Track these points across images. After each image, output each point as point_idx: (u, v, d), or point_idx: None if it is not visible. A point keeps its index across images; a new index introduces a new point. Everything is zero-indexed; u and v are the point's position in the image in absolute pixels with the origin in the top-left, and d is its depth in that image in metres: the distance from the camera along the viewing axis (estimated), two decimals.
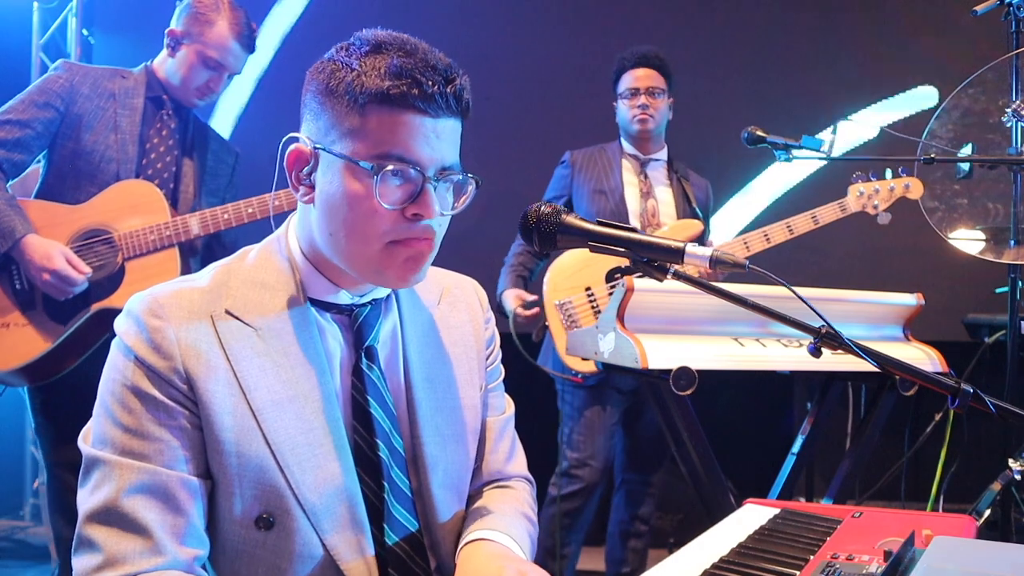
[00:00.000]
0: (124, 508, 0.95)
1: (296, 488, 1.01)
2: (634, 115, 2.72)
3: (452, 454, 1.16)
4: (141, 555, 0.94)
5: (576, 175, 2.77)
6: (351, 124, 0.99)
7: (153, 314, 1.00)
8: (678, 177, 2.79)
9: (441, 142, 1.01)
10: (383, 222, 1.00)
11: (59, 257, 2.07)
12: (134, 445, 0.98)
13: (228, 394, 1.00)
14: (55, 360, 2.15)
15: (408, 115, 0.98)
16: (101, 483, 0.97)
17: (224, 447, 0.99)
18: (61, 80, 2.21)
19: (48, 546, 3.59)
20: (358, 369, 1.10)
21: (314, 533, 1.02)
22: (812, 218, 2.57)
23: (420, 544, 1.12)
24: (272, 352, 1.04)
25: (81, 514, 0.98)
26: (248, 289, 1.07)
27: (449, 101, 0.99)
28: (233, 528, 1.02)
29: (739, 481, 3.02)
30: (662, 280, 1.06)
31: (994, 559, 0.88)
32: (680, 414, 1.89)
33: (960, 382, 0.98)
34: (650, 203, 2.73)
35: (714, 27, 3.95)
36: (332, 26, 3.95)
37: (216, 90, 2.33)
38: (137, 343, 1.00)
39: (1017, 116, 2.25)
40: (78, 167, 2.19)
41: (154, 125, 2.31)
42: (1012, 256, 2.29)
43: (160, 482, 0.97)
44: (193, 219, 2.23)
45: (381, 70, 0.97)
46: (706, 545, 1.13)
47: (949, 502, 2.61)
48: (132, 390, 0.99)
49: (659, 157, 2.81)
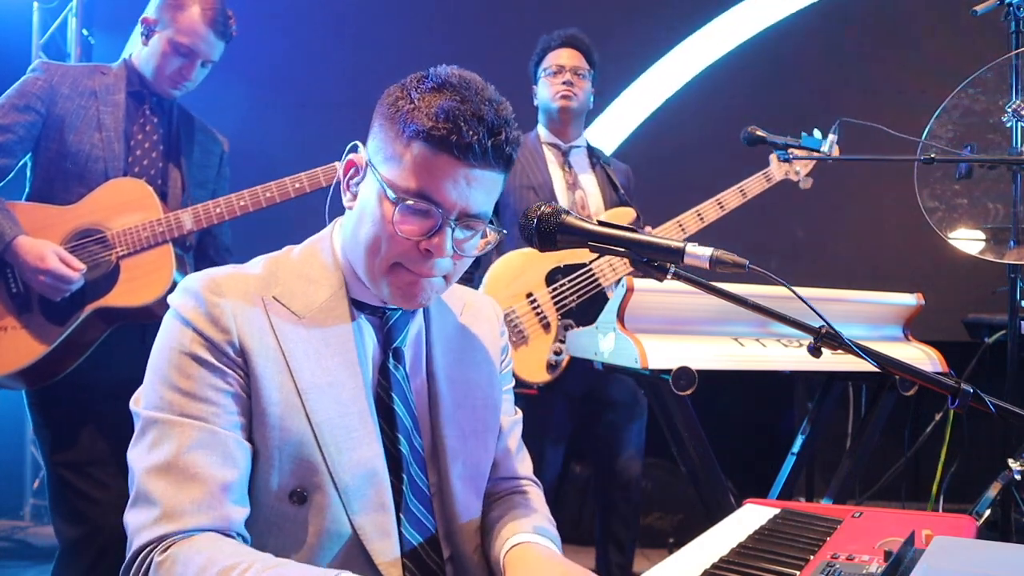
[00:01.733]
0: (184, 462, 1.01)
1: (332, 466, 1.07)
2: (557, 91, 2.59)
3: (472, 448, 1.22)
4: (197, 509, 0.99)
5: None
6: (395, 151, 1.06)
7: (212, 291, 1.07)
8: (600, 164, 2.68)
9: (471, 190, 1.05)
10: (397, 246, 1.07)
11: (52, 257, 2.06)
12: (193, 408, 1.03)
13: (276, 371, 1.07)
14: (53, 362, 2.14)
15: (444, 157, 1.03)
16: (160, 441, 1.02)
17: (269, 420, 1.06)
18: (40, 82, 2.18)
19: (49, 546, 3.60)
20: (385, 368, 1.17)
21: (344, 512, 1.07)
22: (740, 192, 2.51)
23: (433, 537, 1.17)
24: (314, 340, 1.10)
25: (139, 470, 1.02)
26: (295, 281, 1.14)
27: (488, 153, 1.04)
28: (268, 500, 1.07)
29: (739, 481, 3.02)
30: (662, 280, 1.06)
31: (994, 559, 0.88)
32: (680, 414, 1.88)
33: (960, 382, 0.98)
34: (578, 194, 2.60)
35: (715, 27, 3.95)
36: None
37: (189, 78, 2.26)
38: (196, 316, 1.06)
39: (1017, 116, 2.25)
40: (65, 168, 2.17)
41: (137, 120, 2.28)
42: (1012, 256, 2.29)
43: (220, 440, 1.03)
44: (186, 214, 2.22)
45: (432, 109, 1.03)
46: (706, 545, 1.13)
47: (949, 502, 2.61)
48: (191, 356, 1.05)
49: (580, 144, 2.69)
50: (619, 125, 3.93)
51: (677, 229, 2.49)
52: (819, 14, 3.91)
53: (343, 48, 4.07)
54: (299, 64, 4.03)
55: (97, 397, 2.14)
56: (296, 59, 4.04)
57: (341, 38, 4.05)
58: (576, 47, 2.64)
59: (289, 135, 3.96)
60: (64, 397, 2.17)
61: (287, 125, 4.00)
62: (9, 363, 2.12)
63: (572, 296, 2.43)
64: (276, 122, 3.93)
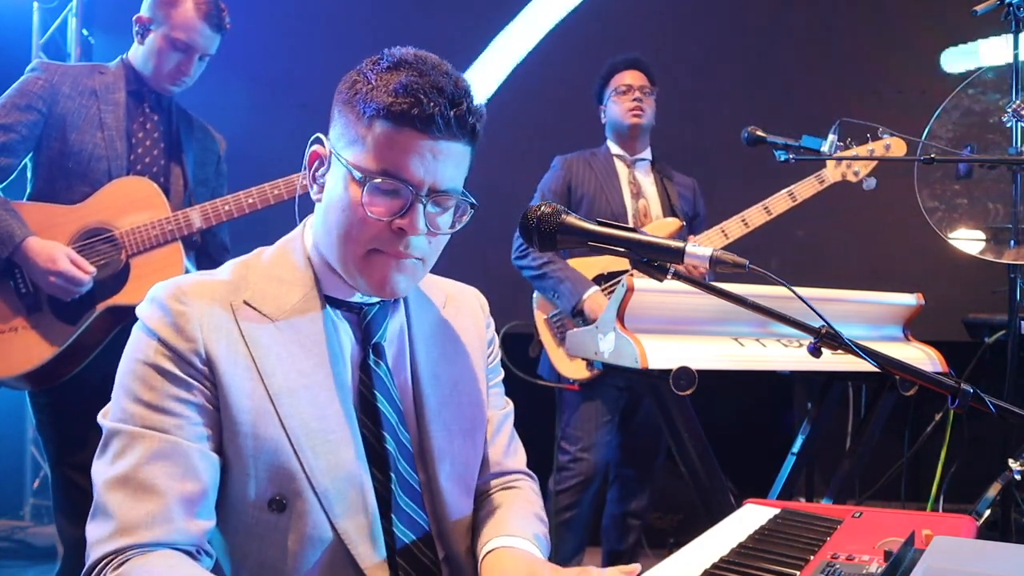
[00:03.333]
0: (143, 475, 0.98)
1: (309, 471, 1.04)
2: (629, 109, 2.78)
3: (459, 447, 1.20)
4: (153, 522, 0.97)
5: (574, 176, 2.80)
6: (357, 133, 1.04)
7: (177, 299, 1.05)
8: (661, 177, 2.86)
9: (438, 163, 1.03)
10: (370, 229, 1.04)
11: (63, 258, 2.06)
12: (155, 419, 1.01)
13: (247, 378, 1.04)
14: (64, 362, 2.14)
15: (407, 132, 1.01)
16: (122, 452, 1.00)
17: (241, 428, 1.03)
18: (40, 81, 2.18)
19: (49, 546, 3.60)
20: (366, 365, 1.14)
21: (325, 517, 1.05)
22: (789, 195, 2.55)
23: (428, 535, 1.15)
24: (287, 342, 1.08)
25: (99, 483, 1.00)
26: (266, 283, 1.11)
27: (451, 124, 1.02)
28: (247, 510, 1.05)
29: (739, 481, 3.02)
30: (662, 280, 1.06)
31: (994, 559, 0.88)
32: (680, 414, 1.88)
33: (960, 382, 0.98)
34: (641, 202, 2.80)
35: (714, 28, 3.95)
36: None
37: (188, 73, 2.28)
38: (160, 325, 1.03)
39: (1017, 116, 2.25)
40: (67, 167, 2.17)
41: (138, 119, 2.29)
42: (1012, 256, 2.29)
43: (181, 451, 1.00)
44: (195, 212, 2.22)
45: (390, 86, 1.01)
46: (706, 545, 1.13)
47: (949, 502, 2.61)
48: (154, 367, 1.02)
49: (645, 157, 2.88)
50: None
51: (720, 235, 2.61)
52: (819, 14, 3.91)
53: (344, 48, 4.07)
54: (299, 64, 4.03)
55: (103, 397, 2.13)
56: (296, 59, 4.04)
57: (342, 38, 4.05)
58: (640, 68, 2.84)
59: (289, 135, 3.96)
60: (70, 397, 2.17)
61: (287, 125, 3.99)
62: (20, 364, 2.12)
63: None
64: (276, 122, 3.92)
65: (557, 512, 2.68)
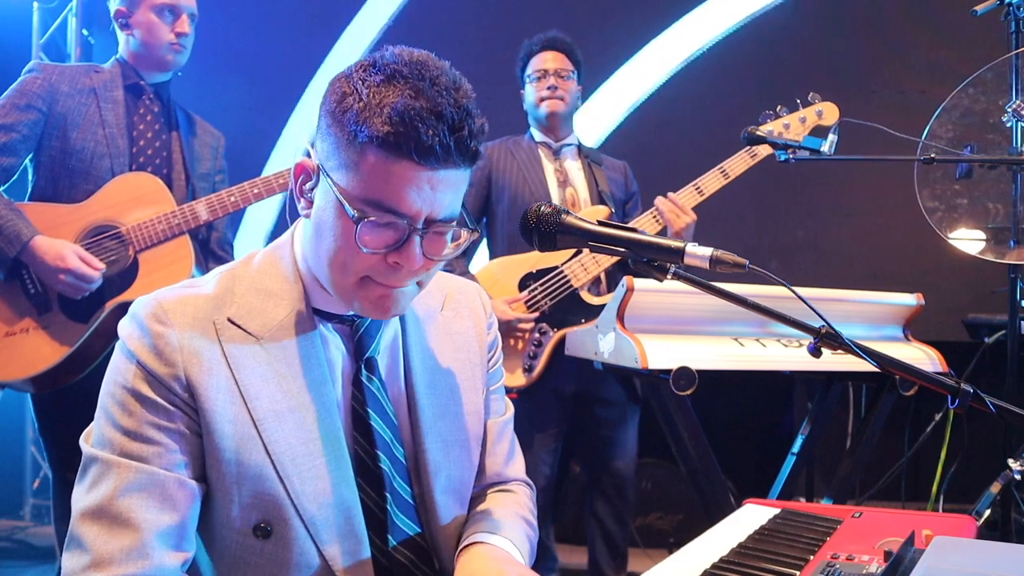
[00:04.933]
0: (118, 507, 0.95)
1: (295, 498, 1.01)
2: (542, 96, 2.63)
3: (455, 460, 1.16)
4: (128, 557, 0.94)
5: (494, 168, 2.66)
6: (349, 157, 0.96)
7: (157, 319, 1.00)
8: (588, 162, 2.71)
9: (436, 194, 0.96)
10: (363, 261, 0.98)
11: (72, 256, 2.05)
12: (133, 447, 0.98)
13: (229, 402, 1.00)
14: (73, 365, 2.12)
15: (403, 164, 0.93)
16: (98, 481, 0.98)
17: (224, 455, 0.99)
18: (39, 81, 2.19)
19: (49, 546, 3.60)
20: (358, 380, 1.10)
21: (312, 543, 1.02)
22: (722, 173, 2.46)
23: (423, 550, 1.12)
24: (274, 361, 1.03)
25: (75, 512, 0.98)
26: (252, 296, 1.06)
27: (451, 152, 0.94)
28: (231, 536, 1.02)
29: (739, 481, 3.02)
30: (662, 280, 1.06)
31: (994, 559, 0.88)
32: (680, 414, 1.89)
33: (960, 382, 0.98)
34: (568, 191, 2.65)
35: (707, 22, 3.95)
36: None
37: (186, 31, 2.27)
38: (140, 348, 0.99)
39: (1017, 116, 2.25)
40: (70, 166, 2.17)
41: (138, 112, 2.29)
42: (1012, 256, 2.29)
43: (157, 482, 0.97)
44: (200, 205, 2.22)
45: (385, 110, 0.92)
46: (706, 545, 1.13)
47: (949, 502, 2.61)
48: (132, 393, 0.99)
49: (570, 142, 2.72)
50: (603, 116, 3.89)
51: (651, 220, 2.46)
52: (818, 12, 3.91)
53: (344, 48, 4.07)
54: (299, 64, 4.03)
55: None
56: (296, 59, 4.04)
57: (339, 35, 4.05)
58: (558, 48, 2.65)
59: (290, 136, 3.96)
60: (73, 401, 2.16)
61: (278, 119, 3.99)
62: (31, 366, 2.10)
63: (544, 299, 2.45)
64: (276, 122, 3.93)
65: None
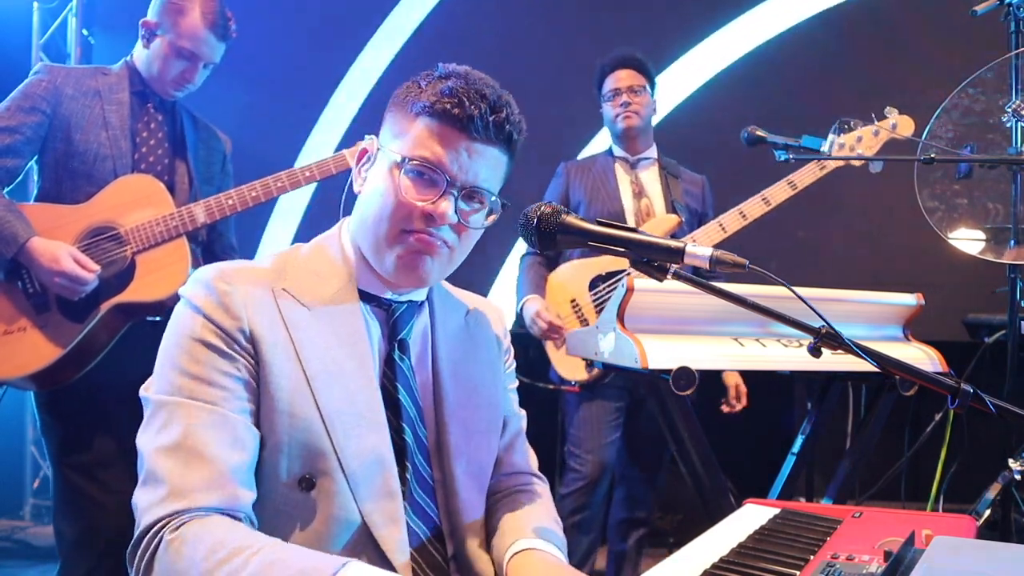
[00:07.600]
0: (193, 442, 1.01)
1: (340, 453, 1.08)
2: (617, 114, 2.79)
3: (475, 446, 1.23)
4: (206, 487, 0.99)
5: (571, 182, 2.84)
6: (403, 127, 1.14)
7: (222, 279, 1.10)
8: (666, 174, 2.85)
9: (473, 162, 1.12)
10: (402, 210, 1.11)
11: (66, 258, 2.06)
12: (202, 391, 1.04)
13: (286, 359, 1.08)
14: (72, 362, 2.13)
15: (448, 129, 1.10)
16: (169, 423, 1.03)
17: (278, 406, 1.07)
18: (44, 83, 2.19)
19: (49, 546, 3.60)
20: (391, 359, 1.19)
21: (352, 499, 1.08)
22: (789, 184, 2.53)
23: (439, 530, 1.18)
24: (323, 330, 1.13)
25: (148, 452, 1.03)
26: (304, 275, 1.17)
27: (489, 127, 1.11)
28: (276, 487, 1.08)
29: (739, 481, 3.02)
30: (662, 280, 1.06)
31: (994, 559, 0.88)
32: (680, 414, 1.88)
33: (960, 382, 0.98)
34: (643, 202, 2.80)
35: (721, 36, 3.95)
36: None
37: (192, 80, 2.29)
38: (206, 303, 1.08)
39: (1017, 116, 2.24)
40: (73, 168, 2.18)
41: (142, 119, 2.29)
42: (1012, 256, 2.29)
43: (228, 422, 1.04)
44: (198, 207, 2.23)
45: (438, 89, 1.11)
46: (706, 545, 1.13)
47: (949, 502, 2.61)
48: (201, 342, 1.06)
49: (649, 156, 2.87)
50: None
51: (718, 229, 2.59)
52: (821, 18, 3.92)
53: (345, 47, 4.07)
54: (300, 64, 4.03)
55: (108, 399, 2.14)
56: (297, 59, 4.04)
57: (342, 37, 4.05)
58: (629, 66, 2.83)
59: (290, 136, 3.97)
60: (75, 398, 2.17)
61: (288, 126, 4.00)
62: (28, 364, 2.12)
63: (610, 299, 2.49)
64: (277, 122, 3.93)
65: (567, 515, 2.68)
